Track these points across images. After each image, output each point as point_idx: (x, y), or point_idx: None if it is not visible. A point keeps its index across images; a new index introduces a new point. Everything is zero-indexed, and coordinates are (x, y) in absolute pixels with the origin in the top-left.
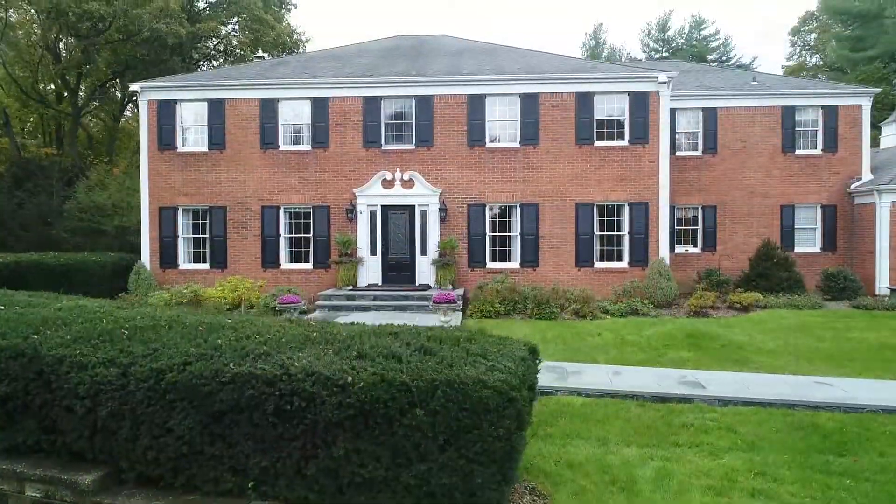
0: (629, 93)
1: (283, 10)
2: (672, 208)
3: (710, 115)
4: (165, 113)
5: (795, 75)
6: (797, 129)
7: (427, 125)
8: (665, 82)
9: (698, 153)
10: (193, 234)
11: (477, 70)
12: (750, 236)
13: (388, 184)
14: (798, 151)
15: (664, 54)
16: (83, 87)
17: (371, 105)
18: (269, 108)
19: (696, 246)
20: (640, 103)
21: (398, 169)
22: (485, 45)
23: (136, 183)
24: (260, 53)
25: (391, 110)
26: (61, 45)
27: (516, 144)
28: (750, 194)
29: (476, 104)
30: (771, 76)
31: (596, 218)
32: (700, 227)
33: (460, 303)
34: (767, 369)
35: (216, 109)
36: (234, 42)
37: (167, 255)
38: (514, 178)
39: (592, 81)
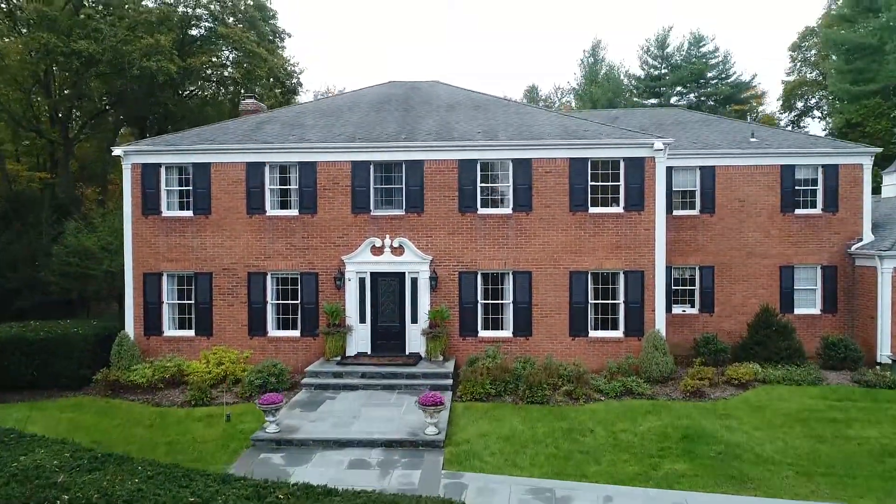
0: (624, 158)
1: (277, 41)
2: (669, 269)
3: (707, 174)
4: (149, 177)
5: (796, 89)
6: (797, 187)
7: (417, 190)
8: (661, 149)
9: (695, 212)
10: (179, 299)
11: (468, 133)
12: (748, 297)
13: (377, 251)
14: (798, 211)
15: (663, 71)
16: (76, 117)
17: (360, 170)
18: (255, 173)
19: (693, 306)
20: (636, 169)
21: (388, 235)
22: (477, 99)
23: None
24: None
25: (381, 175)
26: (53, 78)
27: (509, 210)
28: (748, 255)
29: (467, 169)
30: (770, 129)
31: (590, 286)
32: (698, 287)
33: (448, 396)
34: (765, 488)
35: (201, 173)
36: (227, 73)
37: (151, 322)
38: (506, 245)
39: (586, 147)
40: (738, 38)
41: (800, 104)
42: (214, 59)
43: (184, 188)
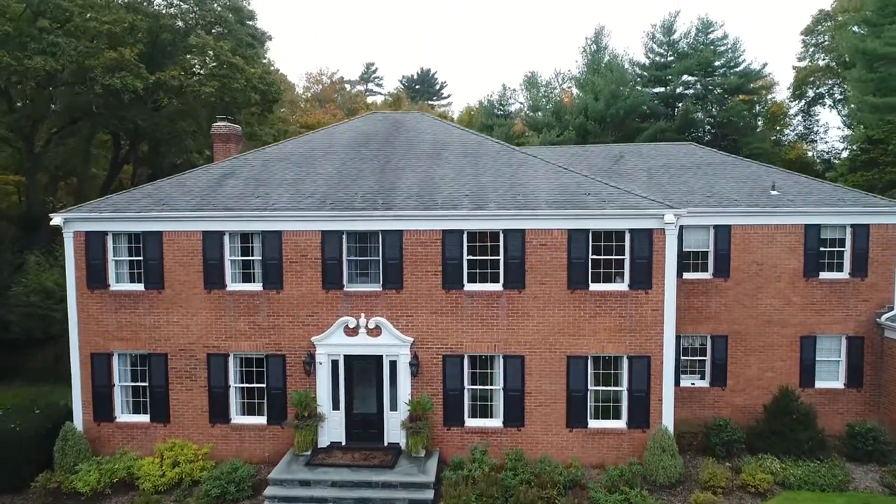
0: (630, 230)
1: (256, 44)
2: (678, 338)
3: (722, 234)
4: (94, 246)
5: (808, 77)
6: (822, 249)
7: (396, 264)
8: (672, 223)
9: (708, 276)
10: (132, 381)
11: (453, 196)
12: (765, 370)
13: (351, 332)
14: (822, 275)
15: (669, 58)
16: (42, 132)
17: (331, 240)
18: (213, 243)
19: (703, 378)
20: (643, 242)
21: (363, 314)
22: (466, 140)
23: None
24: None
25: (354, 246)
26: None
27: (499, 287)
28: (766, 323)
29: (452, 241)
30: (793, 177)
31: (590, 371)
32: (709, 358)
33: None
34: None
35: (153, 243)
36: (200, 88)
37: (102, 407)
38: (496, 327)
39: (587, 218)
40: (748, 23)
41: (811, 92)
42: (184, 74)
43: (134, 258)
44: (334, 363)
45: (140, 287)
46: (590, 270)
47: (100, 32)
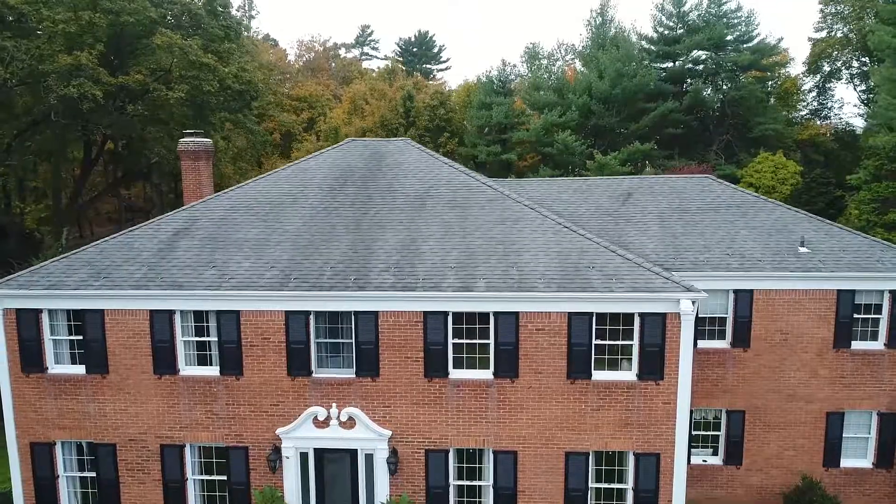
0: (641, 314)
1: (232, 35)
2: (689, 413)
3: (743, 299)
4: (28, 325)
5: (826, 50)
6: (856, 316)
7: (371, 350)
8: (689, 311)
9: (725, 345)
10: (79, 472)
11: (436, 273)
12: (785, 448)
13: (321, 423)
14: (854, 345)
15: (678, 32)
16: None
17: (296, 321)
18: (161, 323)
19: (716, 454)
20: (655, 328)
21: (334, 404)
22: (454, 181)
23: None
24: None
25: (324, 326)
26: None
27: (488, 376)
28: (789, 398)
29: (435, 324)
30: (823, 228)
31: (591, 468)
32: (723, 433)
33: None
34: None
35: (93, 322)
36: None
37: (46, 500)
38: (485, 419)
39: (590, 301)
40: None
41: (827, 66)
42: (149, 78)
43: (75, 337)
44: (303, 457)
45: (81, 371)
46: (593, 357)
47: (54, 33)
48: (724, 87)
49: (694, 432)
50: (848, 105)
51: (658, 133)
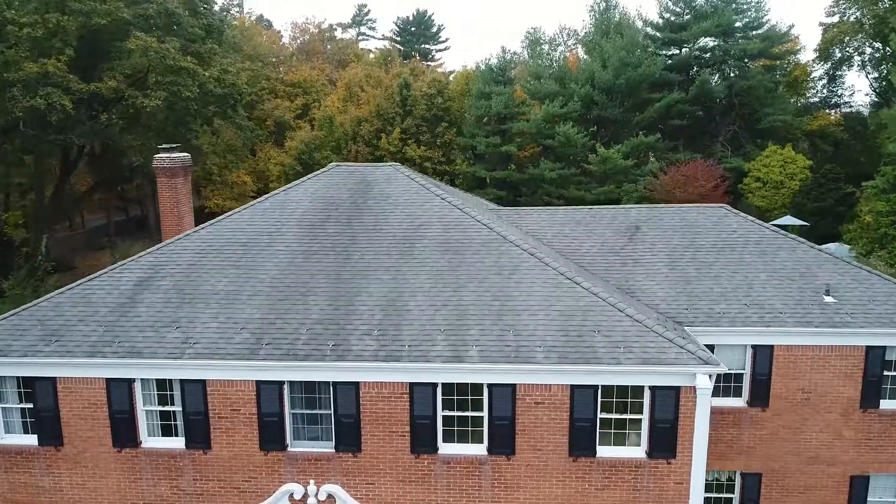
0: (652, 387)
1: (215, 35)
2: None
3: (762, 356)
4: None
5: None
6: (886, 373)
7: (352, 423)
8: (706, 387)
9: (741, 403)
10: None
11: (423, 336)
12: None
13: (298, 502)
14: (883, 405)
15: (685, 18)
16: None
17: (269, 392)
18: (119, 392)
19: None
20: (667, 402)
21: (312, 481)
22: (448, 217)
23: None
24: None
25: (300, 397)
26: None
27: (482, 452)
28: (810, 461)
29: (423, 396)
30: (850, 273)
31: None
32: (737, 496)
33: None
34: None
35: (45, 391)
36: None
37: None
38: (478, 500)
39: (596, 373)
40: None
41: (838, 52)
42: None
43: (26, 405)
44: None
45: (33, 442)
46: (598, 432)
47: (19, 38)
48: (732, 76)
49: (706, 495)
50: (859, 93)
51: (662, 124)
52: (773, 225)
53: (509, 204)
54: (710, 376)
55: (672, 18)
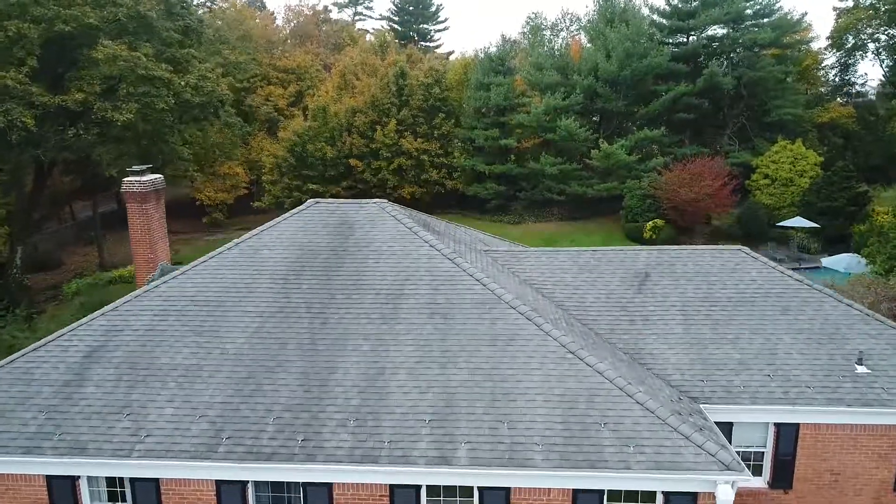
0: (666, 493)
1: (193, 36)
2: None
3: (787, 434)
4: None
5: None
6: None
7: None
8: (727, 500)
9: (761, 484)
10: None
11: (406, 425)
12: None
13: None
14: None
15: (693, 4)
16: None
17: (230, 492)
18: (62, 491)
19: None
20: None
21: None
22: (437, 269)
23: None
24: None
25: (266, 496)
26: None
27: None
28: None
29: (405, 499)
30: (884, 333)
31: None
32: None
33: None
34: None
35: None
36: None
37: None
38: None
39: (604, 478)
40: None
41: (851, 39)
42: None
43: None
44: None
45: None
46: None
47: None
48: (742, 66)
49: None
50: (871, 82)
51: (668, 117)
52: (782, 226)
53: (509, 199)
54: (732, 486)
55: (679, 5)
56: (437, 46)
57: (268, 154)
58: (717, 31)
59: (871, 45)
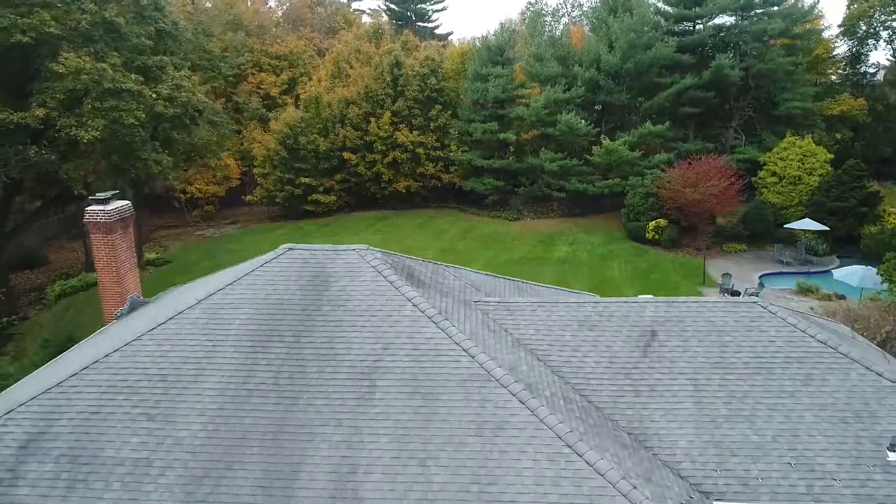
0: None
1: (169, 41)
2: None
3: None
4: None
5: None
6: None
7: None
8: None
9: None
10: None
11: None
12: None
13: None
14: None
15: None
16: None
17: None
18: None
19: None
20: None
21: None
22: (419, 335)
23: None
24: None
25: None
26: None
27: None
28: None
29: None
30: None
31: None
32: None
33: None
34: None
35: None
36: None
37: None
38: None
39: None
40: None
41: (863, 25)
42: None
43: None
44: None
45: None
46: None
47: None
48: (750, 57)
49: None
50: (882, 72)
51: (673, 110)
52: (789, 228)
53: (507, 193)
54: None
55: None
56: (436, 27)
57: (259, 145)
58: (726, 20)
59: (884, 34)
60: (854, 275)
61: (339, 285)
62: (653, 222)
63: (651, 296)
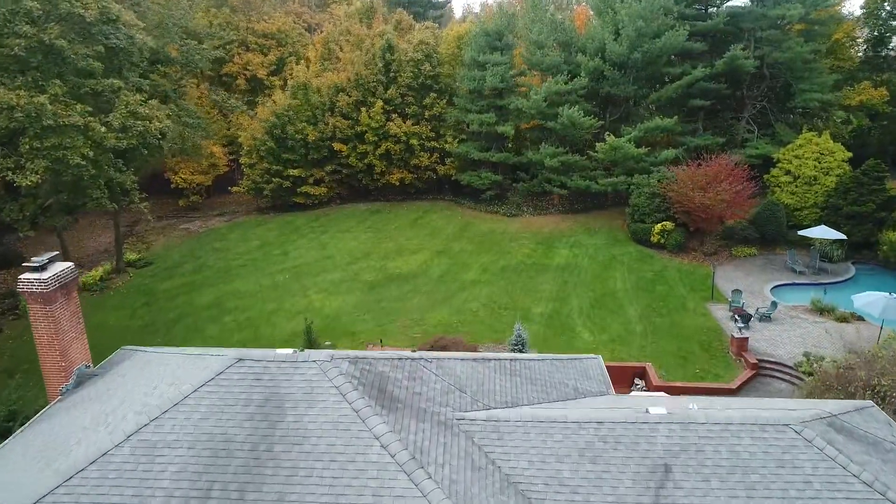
0: None
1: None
2: None
3: None
4: None
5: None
6: None
7: None
8: None
9: None
10: None
11: None
12: None
13: None
14: None
15: None
16: None
17: None
18: None
19: None
20: None
21: None
22: (392, 497)
23: None
24: None
25: None
26: None
27: None
28: None
29: None
30: None
31: None
32: None
33: None
34: None
35: None
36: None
37: None
38: None
39: None
40: None
41: (888, 6)
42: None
43: None
44: None
45: None
46: None
47: None
48: (766, 45)
49: None
50: None
51: (681, 101)
52: (803, 234)
53: (506, 189)
54: None
55: None
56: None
57: (244, 131)
58: (739, 4)
59: None
60: (876, 305)
61: (296, 413)
62: (658, 225)
63: (664, 397)
